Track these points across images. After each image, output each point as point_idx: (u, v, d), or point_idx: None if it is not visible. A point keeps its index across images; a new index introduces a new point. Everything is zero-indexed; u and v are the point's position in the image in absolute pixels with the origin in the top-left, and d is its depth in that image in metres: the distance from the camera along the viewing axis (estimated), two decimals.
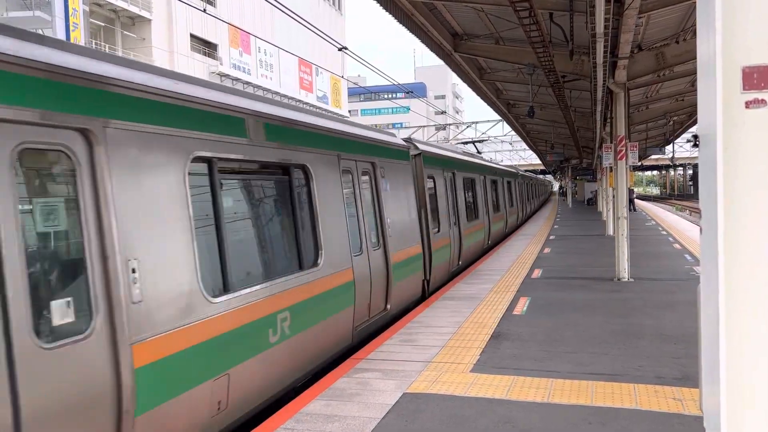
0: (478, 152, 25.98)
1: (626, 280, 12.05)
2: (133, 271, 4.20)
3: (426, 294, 11.38)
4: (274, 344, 5.86)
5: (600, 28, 8.57)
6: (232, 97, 5.84)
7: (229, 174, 5.68)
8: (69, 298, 3.76)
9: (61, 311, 3.68)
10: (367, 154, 9.11)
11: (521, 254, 16.84)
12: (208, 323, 4.93)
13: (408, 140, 12.13)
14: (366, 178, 9.16)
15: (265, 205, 6.48)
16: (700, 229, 2.22)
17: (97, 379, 3.81)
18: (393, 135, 11.40)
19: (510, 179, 25.82)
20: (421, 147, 12.19)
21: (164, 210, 4.62)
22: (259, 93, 47.55)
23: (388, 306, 9.24)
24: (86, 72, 4.05)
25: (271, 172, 6.53)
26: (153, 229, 4.47)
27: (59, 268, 3.80)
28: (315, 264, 6.98)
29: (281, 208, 6.68)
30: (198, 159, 5.11)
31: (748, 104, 1.99)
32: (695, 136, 29.93)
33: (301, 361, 6.44)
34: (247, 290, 5.52)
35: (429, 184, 12.30)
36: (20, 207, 3.51)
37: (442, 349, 7.34)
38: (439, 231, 12.30)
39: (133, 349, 4.07)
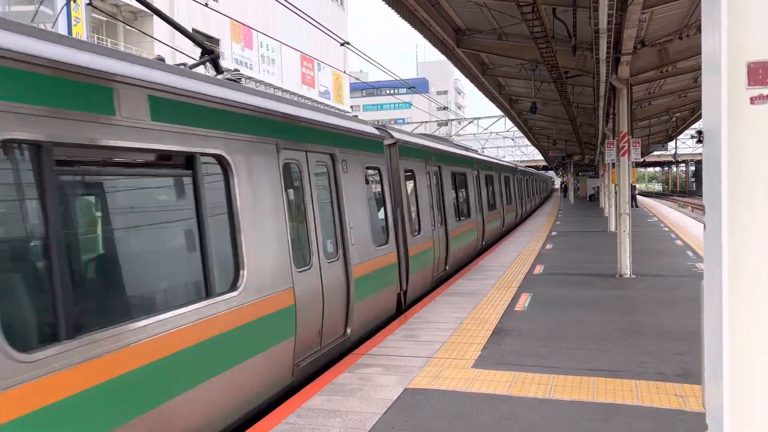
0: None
1: (628, 276, 12.05)
2: None
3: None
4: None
5: (603, 23, 8.54)
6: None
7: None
8: None
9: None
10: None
11: (523, 250, 16.83)
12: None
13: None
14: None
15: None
16: (704, 226, 2.21)
17: None
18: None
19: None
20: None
21: None
22: (261, 88, 47.60)
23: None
24: None
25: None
26: None
27: None
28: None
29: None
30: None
31: (752, 100, 1.98)
32: (699, 132, 29.80)
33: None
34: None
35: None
36: None
37: (443, 345, 7.35)
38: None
39: None
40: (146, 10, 37.45)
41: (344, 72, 40.98)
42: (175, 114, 4.79)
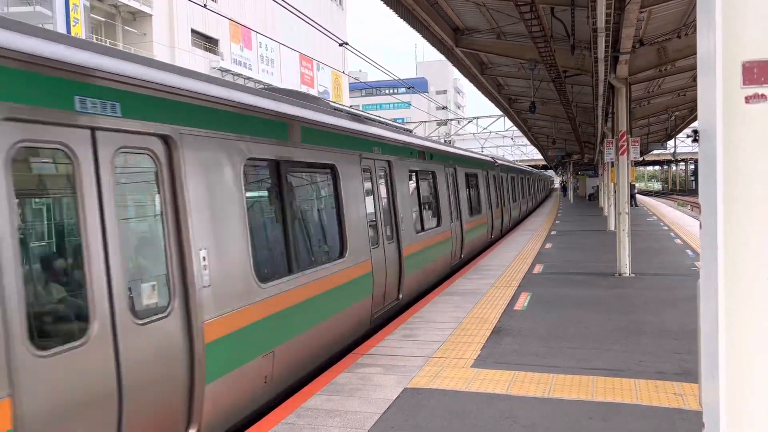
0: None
1: (627, 275, 12.05)
2: None
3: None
4: None
5: (601, 22, 8.55)
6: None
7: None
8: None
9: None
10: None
11: (523, 250, 16.84)
12: None
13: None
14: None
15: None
16: (700, 225, 2.22)
17: None
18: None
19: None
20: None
21: None
22: (260, 88, 47.61)
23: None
24: None
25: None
26: None
27: None
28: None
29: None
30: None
31: (748, 99, 1.99)
32: (695, 131, 29.93)
33: None
34: None
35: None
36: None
37: (443, 345, 7.35)
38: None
39: None
40: (145, 10, 37.41)
41: (343, 72, 40.99)
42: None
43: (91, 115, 3.96)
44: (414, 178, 11.64)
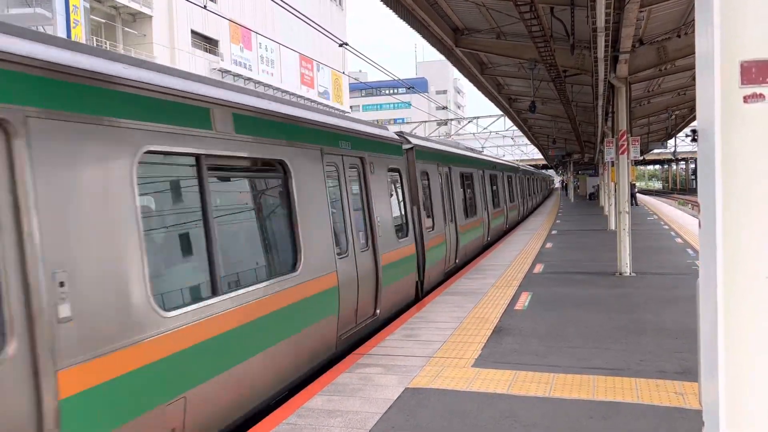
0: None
1: (628, 274, 12.06)
2: None
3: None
4: None
5: (601, 22, 8.55)
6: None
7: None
8: None
9: None
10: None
11: (523, 249, 16.84)
12: None
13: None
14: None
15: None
16: (699, 224, 2.22)
17: None
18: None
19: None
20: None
21: None
22: (261, 89, 47.63)
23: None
24: None
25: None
26: None
27: None
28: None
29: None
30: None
31: (746, 99, 1.99)
32: (694, 131, 29.93)
33: None
34: None
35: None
36: None
37: (443, 344, 7.36)
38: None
39: None
40: (145, 11, 37.43)
41: (343, 72, 41.02)
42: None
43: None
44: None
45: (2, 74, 3.46)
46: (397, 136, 10.88)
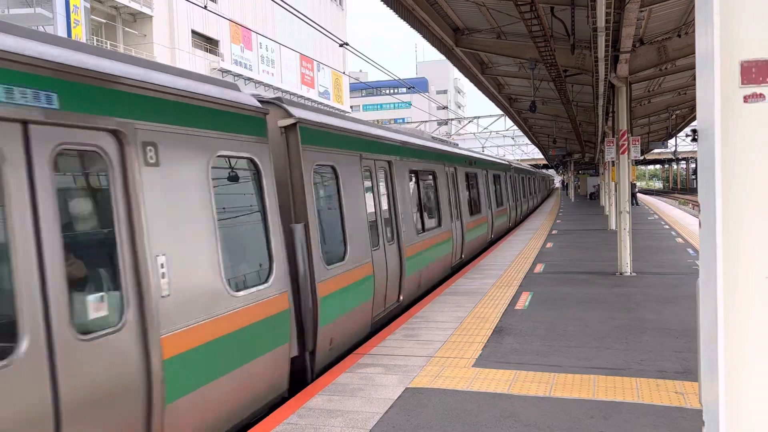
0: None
1: (629, 274, 12.06)
2: None
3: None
4: None
5: (601, 22, 8.55)
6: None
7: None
8: None
9: None
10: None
11: (524, 249, 16.84)
12: None
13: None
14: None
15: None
16: (699, 224, 2.22)
17: None
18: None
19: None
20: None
21: None
22: (261, 89, 47.63)
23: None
24: None
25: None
26: None
27: None
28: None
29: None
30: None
31: (746, 98, 1.99)
32: (694, 131, 29.92)
33: None
34: None
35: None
36: None
37: (444, 344, 7.36)
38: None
39: None
40: (145, 11, 37.44)
41: (343, 72, 41.04)
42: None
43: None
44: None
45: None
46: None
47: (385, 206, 9.28)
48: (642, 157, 53.79)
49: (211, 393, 4.73)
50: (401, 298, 9.60)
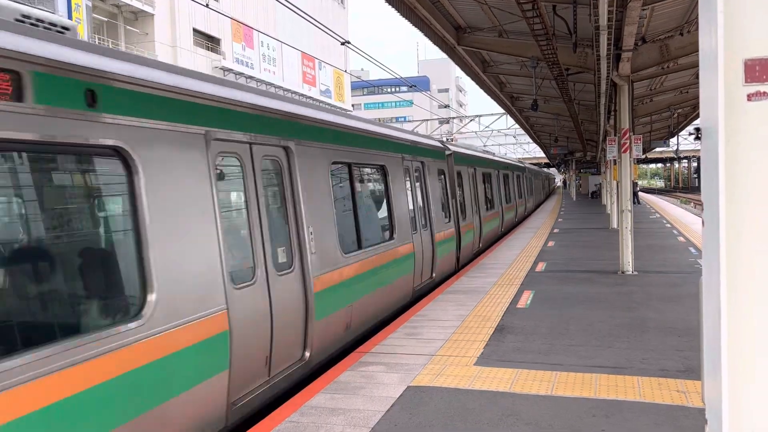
0: None
1: (630, 273, 12.05)
2: None
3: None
4: None
5: (603, 20, 8.53)
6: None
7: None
8: None
9: None
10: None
11: (525, 248, 16.83)
12: None
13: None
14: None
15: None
16: (702, 222, 2.22)
17: None
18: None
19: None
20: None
21: None
22: (262, 87, 47.62)
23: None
24: None
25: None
26: None
27: None
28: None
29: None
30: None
31: (749, 97, 1.99)
32: (697, 129, 29.86)
33: None
34: None
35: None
36: None
37: (446, 343, 7.36)
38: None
39: None
40: (147, 10, 37.45)
41: (345, 71, 41.00)
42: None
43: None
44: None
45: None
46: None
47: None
48: (644, 156, 53.70)
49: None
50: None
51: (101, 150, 4.18)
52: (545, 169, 73.35)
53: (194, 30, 42.66)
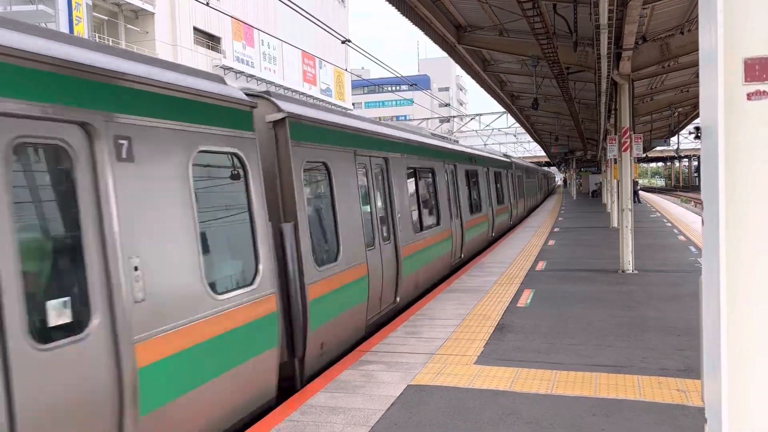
0: None
1: (631, 272, 12.05)
2: None
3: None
4: None
5: (604, 19, 8.52)
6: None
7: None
8: None
9: None
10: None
11: (525, 246, 16.83)
12: None
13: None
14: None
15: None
16: (702, 221, 2.22)
17: None
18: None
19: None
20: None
21: None
22: (263, 86, 47.59)
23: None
24: None
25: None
26: None
27: None
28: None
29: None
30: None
31: (749, 96, 1.99)
32: (697, 128, 29.86)
33: None
34: None
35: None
36: None
37: (446, 341, 7.36)
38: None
39: None
40: (147, 8, 37.45)
41: (345, 69, 40.98)
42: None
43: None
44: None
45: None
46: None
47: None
48: (644, 155, 53.72)
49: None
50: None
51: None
52: (545, 168, 73.31)
53: (195, 28, 42.63)
